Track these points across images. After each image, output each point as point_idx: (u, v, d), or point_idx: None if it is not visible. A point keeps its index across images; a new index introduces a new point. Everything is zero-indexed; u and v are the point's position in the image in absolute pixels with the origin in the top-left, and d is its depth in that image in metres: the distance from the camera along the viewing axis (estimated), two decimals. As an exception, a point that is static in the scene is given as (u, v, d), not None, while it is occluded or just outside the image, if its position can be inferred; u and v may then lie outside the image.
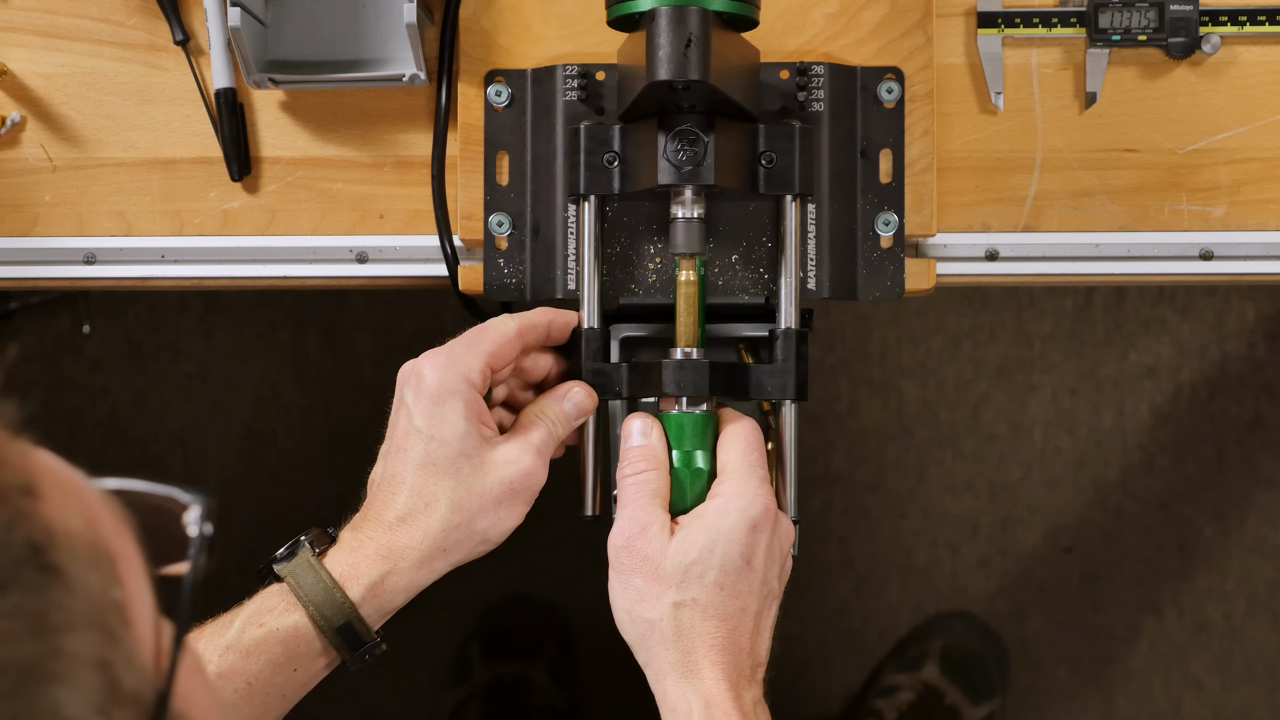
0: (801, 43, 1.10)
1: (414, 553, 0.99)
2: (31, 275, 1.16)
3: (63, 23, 1.15)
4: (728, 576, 0.98)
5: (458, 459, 0.99)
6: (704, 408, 1.02)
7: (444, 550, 0.99)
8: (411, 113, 1.14)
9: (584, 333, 1.05)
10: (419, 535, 0.99)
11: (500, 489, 0.99)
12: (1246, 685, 1.88)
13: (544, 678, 1.85)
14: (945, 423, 1.89)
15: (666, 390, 1.02)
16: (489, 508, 0.99)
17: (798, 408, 1.05)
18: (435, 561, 0.99)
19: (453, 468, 0.99)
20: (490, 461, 0.99)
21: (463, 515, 0.99)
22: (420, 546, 0.99)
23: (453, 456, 0.99)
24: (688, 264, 1.05)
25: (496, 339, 1.02)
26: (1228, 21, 1.10)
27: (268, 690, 0.96)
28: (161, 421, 1.91)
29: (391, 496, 1.00)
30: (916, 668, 1.84)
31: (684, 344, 1.04)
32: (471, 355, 1.01)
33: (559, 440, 1.03)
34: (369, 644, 0.99)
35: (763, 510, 0.99)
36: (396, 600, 1.00)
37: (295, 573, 0.98)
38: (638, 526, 0.99)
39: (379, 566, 0.99)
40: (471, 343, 1.02)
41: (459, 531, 0.99)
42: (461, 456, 0.99)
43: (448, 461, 0.99)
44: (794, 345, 1.03)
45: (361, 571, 0.98)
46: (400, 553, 0.99)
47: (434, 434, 0.99)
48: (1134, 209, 1.12)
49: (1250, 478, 1.87)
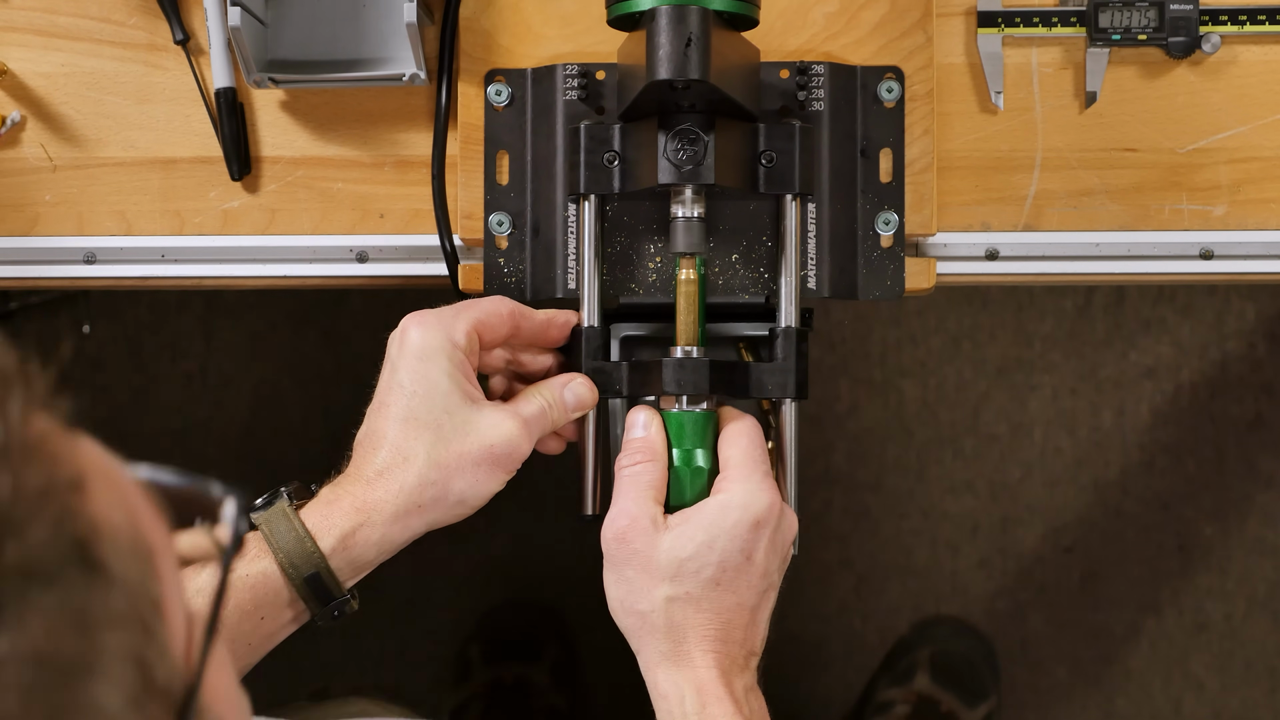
0: (801, 42, 1.10)
1: (389, 507, 0.98)
2: (31, 275, 1.16)
3: (63, 22, 1.15)
4: (726, 573, 0.98)
5: (439, 415, 0.99)
6: (704, 406, 1.02)
7: (419, 507, 0.99)
8: (411, 112, 1.14)
9: (584, 331, 1.05)
10: (394, 489, 0.98)
11: (480, 451, 0.99)
12: (1246, 685, 1.88)
13: (544, 678, 1.85)
14: (945, 423, 1.89)
15: (667, 389, 1.02)
16: (467, 468, 0.99)
17: (798, 406, 1.05)
18: (410, 518, 0.99)
19: (434, 424, 0.99)
20: (473, 422, 0.99)
21: (440, 472, 0.99)
22: (395, 501, 0.98)
23: (434, 412, 0.99)
24: (688, 263, 1.05)
25: (487, 308, 1.02)
26: (1228, 21, 1.10)
27: (234, 637, 0.96)
28: (161, 421, 1.91)
29: (372, 452, 1.00)
30: (908, 680, 1.84)
31: (684, 342, 1.04)
32: (460, 318, 1.01)
33: (551, 425, 1.03)
34: (338, 599, 0.98)
35: (766, 507, 0.99)
36: (368, 555, 0.99)
37: (270, 520, 0.98)
38: (628, 519, 0.99)
39: (352, 519, 0.98)
40: (462, 308, 1.02)
41: (435, 489, 0.99)
42: (444, 413, 0.99)
43: (429, 417, 0.99)
44: (794, 344, 1.03)
45: (334, 523, 0.98)
46: (375, 506, 0.98)
47: (416, 389, 0.99)
48: (1134, 209, 1.12)
49: (1250, 478, 1.87)
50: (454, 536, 1.89)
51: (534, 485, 1.90)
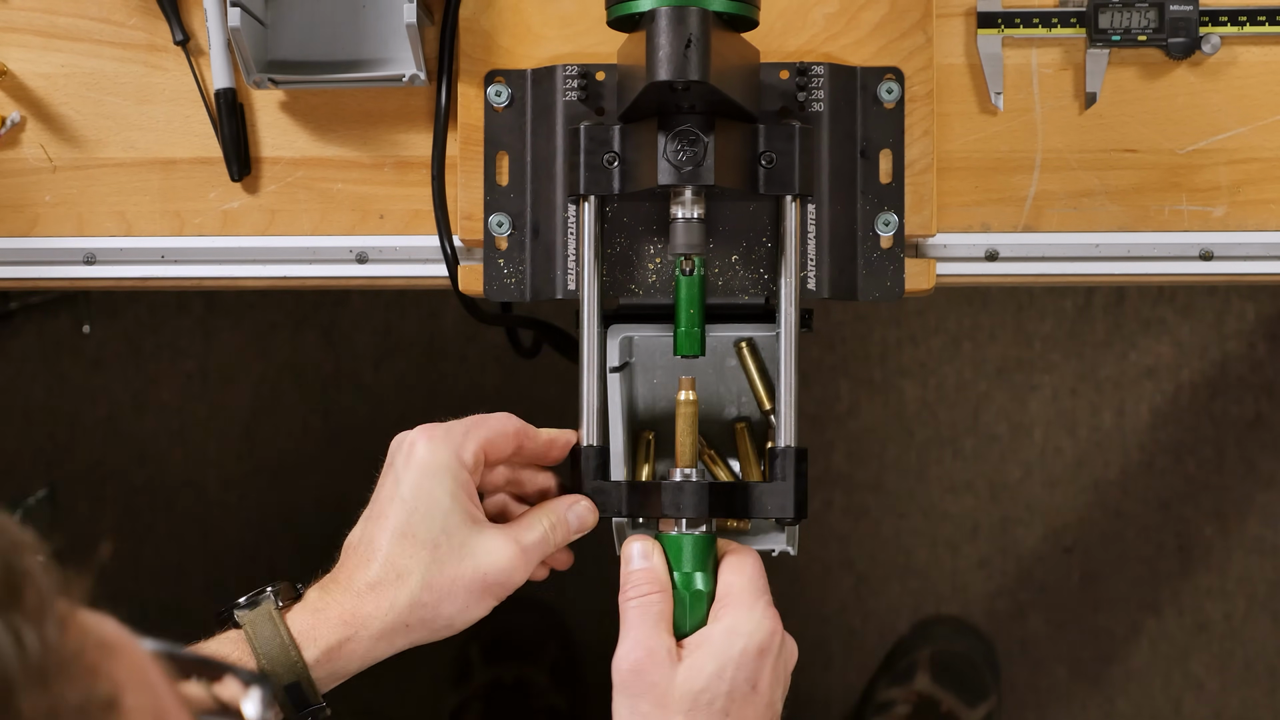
0: (801, 43, 1.10)
1: (377, 623, 0.97)
2: (31, 275, 1.16)
3: (63, 23, 1.15)
4: (734, 703, 0.96)
5: (438, 534, 0.97)
6: (703, 529, 1.02)
7: (407, 626, 0.98)
8: (411, 113, 1.14)
9: (583, 450, 1.04)
10: (385, 606, 0.97)
11: (474, 577, 0.98)
12: (1246, 685, 1.88)
13: (544, 678, 1.85)
14: (945, 423, 1.89)
15: (665, 512, 1.02)
16: (459, 593, 0.98)
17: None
18: (396, 636, 0.98)
19: (431, 542, 0.97)
20: (470, 545, 0.98)
21: (432, 595, 0.97)
22: (385, 618, 0.97)
23: (433, 531, 0.97)
24: (687, 384, 1.04)
25: (496, 427, 1.01)
26: (1228, 21, 1.10)
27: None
28: (161, 421, 1.91)
29: (365, 562, 0.98)
30: (908, 679, 1.84)
31: (683, 464, 1.03)
32: (469, 437, 1.00)
33: (552, 548, 1.01)
34: (314, 707, 0.97)
35: (769, 634, 0.98)
36: (351, 667, 0.98)
37: (255, 623, 0.96)
38: (644, 651, 0.97)
39: (339, 631, 0.97)
40: (471, 425, 1.01)
41: (425, 610, 0.98)
42: (442, 533, 0.97)
43: (427, 535, 0.97)
44: (793, 463, 1.03)
45: (321, 634, 0.97)
46: (363, 621, 0.97)
47: (418, 505, 0.97)
48: (1134, 209, 1.12)
49: (1250, 478, 1.87)
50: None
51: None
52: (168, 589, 1.89)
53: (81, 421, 1.91)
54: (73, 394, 1.91)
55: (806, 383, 1.87)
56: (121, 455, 1.91)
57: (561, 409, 1.89)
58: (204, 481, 1.91)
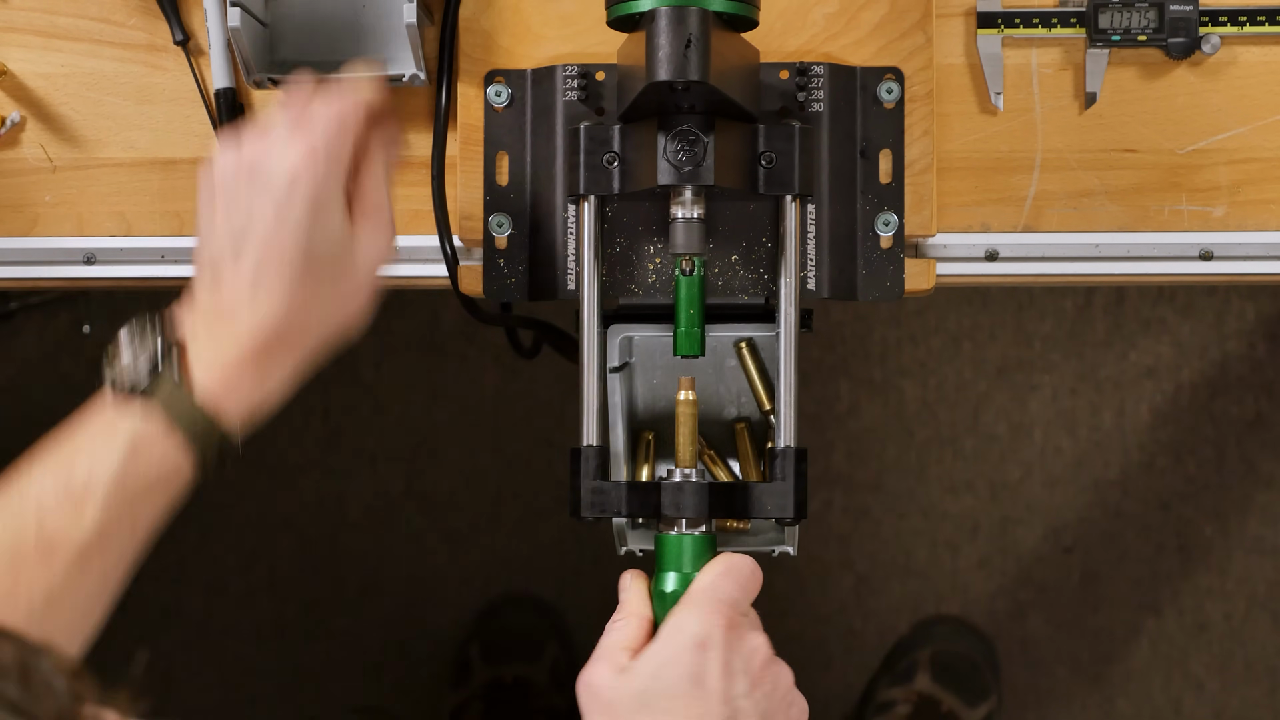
0: (801, 43, 1.10)
1: (288, 371, 0.97)
2: (31, 275, 1.16)
3: (63, 23, 1.15)
4: (676, 701, 0.93)
5: (333, 263, 0.95)
6: (703, 529, 1.01)
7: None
8: (411, 113, 1.14)
9: (583, 451, 1.04)
10: (296, 353, 0.96)
11: (367, 280, 0.97)
12: (1246, 685, 1.88)
13: (544, 679, 1.85)
14: (945, 423, 1.89)
15: (665, 512, 1.01)
16: (361, 304, 0.98)
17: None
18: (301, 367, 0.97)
19: (331, 278, 0.95)
20: (357, 257, 0.96)
21: (335, 317, 0.97)
22: (294, 365, 0.97)
23: (329, 261, 0.95)
24: (687, 383, 1.03)
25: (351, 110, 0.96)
26: (1228, 21, 1.10)
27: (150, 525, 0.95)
28: (161, 421, 1.91)
29: (268, 313, 0.95)
30: (909, 679, 1.84)
31: (683, 464, 1.03)
32: (342, 144, 0.95)
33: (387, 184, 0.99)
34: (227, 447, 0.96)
35: (708, 628, 0.94)
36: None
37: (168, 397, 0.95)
38: (594, 667, 0.97)
39: (252, 396, 0.96)
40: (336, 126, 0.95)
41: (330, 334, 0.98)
42: (337, 262, 0.95)
43: (326, 269, 0.95)
44: (793, 463, 1.03)
45: (234, 406, 0.96)
46: (269, 372, 0.96)
47: (314, 239, 0.94)
48: (1134, 209, 1.12)
49: (1250, 478, 1.87)
50: (454, 536, 1.90)
51: (534, 485, 1.90)
52: (167, 589, 1.89)
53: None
54: (73, 394, 1.91)
55: (806, 383, 1.87)
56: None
57: (561, 409, 1.90)
58: (204, 481, 1.91)
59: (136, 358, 0.95)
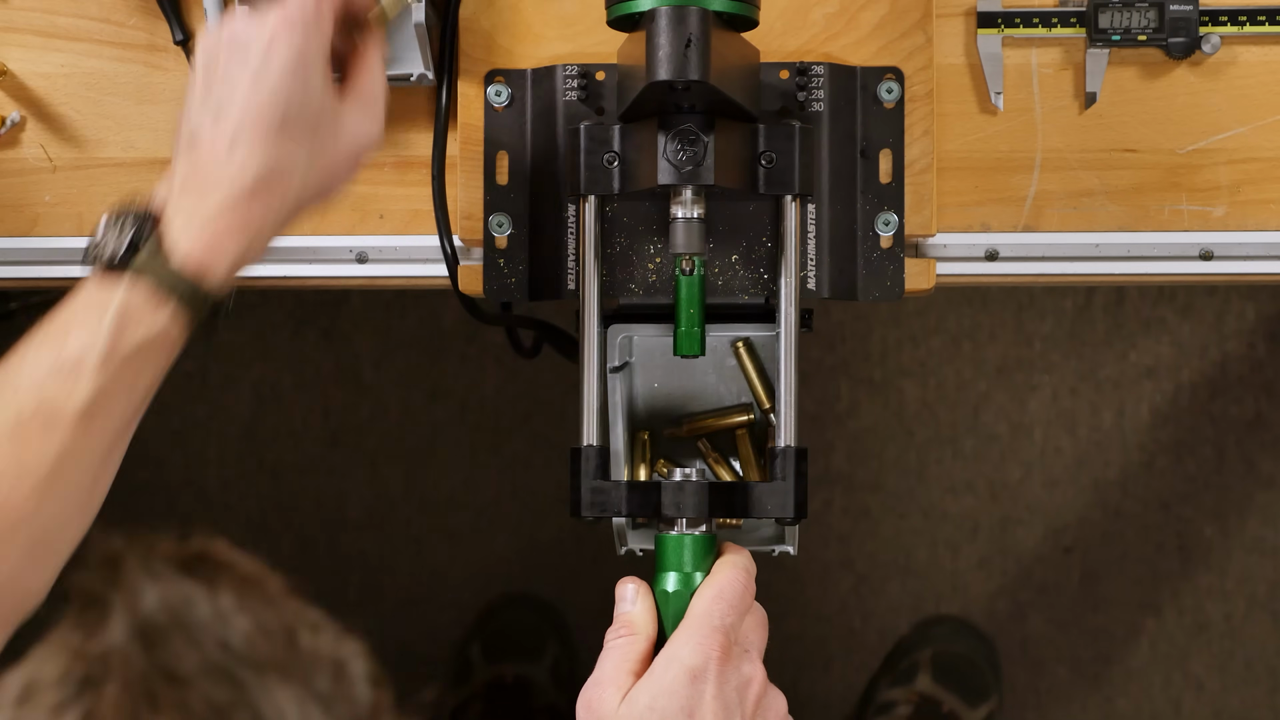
0: (801, 43, 1.10)
1: (269, 230, 0.95)
2: (31, 275, 1.16)
3: (63, 23, 1.15)
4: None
5: (314, 125, 0.94)
6: (703, 529, 1.01)
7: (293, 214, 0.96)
8: (411, 112, 1.14)
9: (583, 450, 1.04)
10: (275, 207, 0.94)
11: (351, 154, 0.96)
12: (1246, 685, 1.88)
13: (544, 678, 1.85)
14: (945, 423, 1.89)
15: (665, 512, 1.01)
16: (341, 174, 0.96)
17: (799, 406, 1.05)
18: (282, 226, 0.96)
19: (309, 135, 0.94)
20: (342, 124, 0.95)
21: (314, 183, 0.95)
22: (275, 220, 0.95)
23: (309, 124, 0.94)
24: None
25: None
26: (1228, 21, 1.10)
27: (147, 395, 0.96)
28: (161, 421, 1.91)
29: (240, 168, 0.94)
30: (909, 680, 1.83)
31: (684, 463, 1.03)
32: (324, 10, 0.95)
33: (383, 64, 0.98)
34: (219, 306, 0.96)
35: (703, 660, 0.93)
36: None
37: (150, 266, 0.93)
38: (596, 688, 0.96)
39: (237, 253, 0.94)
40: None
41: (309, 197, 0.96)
42: (317, 125, 0.94)
43: (304, 129, 0.94)
44: (793, 463, 1.03)
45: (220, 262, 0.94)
46: (258, 230, 0.95)
47: (291, 99, 0.93)
48: (1134, 209, 1.12)
49: (1250, 478, 1.87)
50: (454, 536, 1.90)
51: (534, 485, 1.90)
52: (168, 589, 1.89)
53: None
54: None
55: (806, 383, 1.87)
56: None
57: (561, 409, 1.90)
58: (204, 481, 1.91)
59: (118, 236, 0.93)
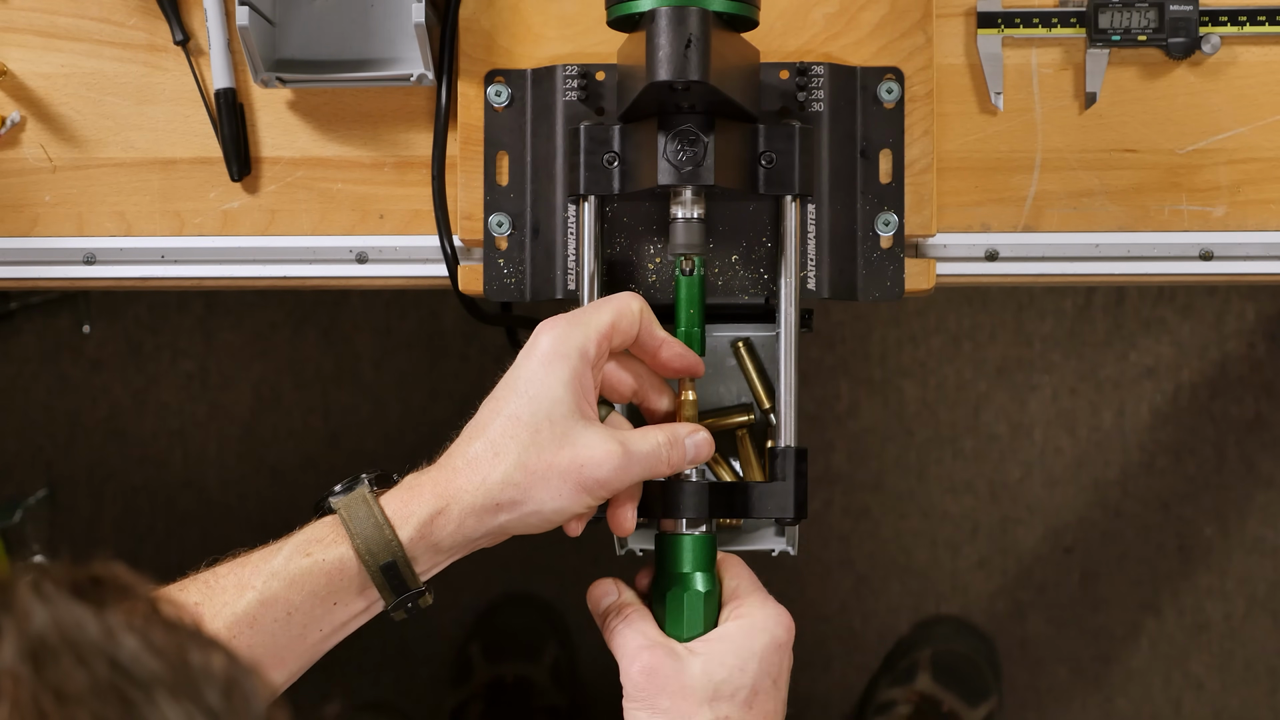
0: (801, 43, 1.10)
1: (468, 497, 0.96)
2: (31, 275, 1.16)
3: (63, 23, 1.15)
4: (758, 696, 0.98)
5: (542, 420, 0.96)
6: (703, 529, 1.02)
7: (497, 505, 0.96)
8: (412, 113, 1.14)
9: None
10: (477, 481, 0.96)
11: (569, 464, 0.96)
12: (1246, 685, 1.88)
13: (544, 678, 1.85)
14: (945, 423, 1.89)
15: (666, 512, 1.02)
16: (552, 479, 0.96)
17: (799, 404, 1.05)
18: (486, 515, 0.96)
19: (534, 426, 0.96)
20: (571, 435, 0.96)
21: (524, 475, 0.96)
22: (475, 493, 0.96)
23: (538, 416, 0.96)
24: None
25: (620, 306, 0.99)
26: (1228, 21, 1.10)
27: (306, 622, 0.95)
28: (161, 421, 1.91)
29: (468, 441, 0.98)
30: (909, 679, 1.84)
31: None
32: (592, 321, 0.98)
33: (660, 468, 1.00)
34: (413, 591, 0.96)
35: (787, 630, 1.00)
36: (445, 543, 0.97)
37: (349, 506, 0.96)
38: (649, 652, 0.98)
39: (431, 505, 0.96)
40: (594, 308, 1.00)
41: (515, 491, 0.96)
42: (546, 419, 0.96)
43: (531, 419, 0.96)
44: (793, 463, 1.03)
45: (414, 510, 0.96)
46: (455, 495, 0.96)
47: (529, 391, 0.97)
48: (1134, 209, 1.12)
49: (1250, 478, 1.87)
50: (454, 536, 1.90)
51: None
52: (168, 589, 1.89)
53: (81, 421, 1.91)
54: (73, 394, 1.91)
55: (806, 383, 1.87)
56: (121, 455, 1.91)
57: (561, 409, 1.90)
58: (204, 481, 1.91)
59: (344, 491, 0.98)
